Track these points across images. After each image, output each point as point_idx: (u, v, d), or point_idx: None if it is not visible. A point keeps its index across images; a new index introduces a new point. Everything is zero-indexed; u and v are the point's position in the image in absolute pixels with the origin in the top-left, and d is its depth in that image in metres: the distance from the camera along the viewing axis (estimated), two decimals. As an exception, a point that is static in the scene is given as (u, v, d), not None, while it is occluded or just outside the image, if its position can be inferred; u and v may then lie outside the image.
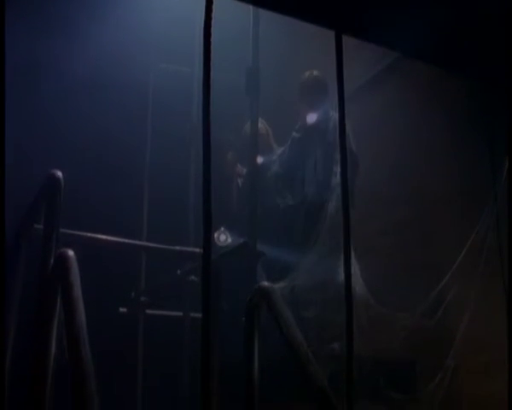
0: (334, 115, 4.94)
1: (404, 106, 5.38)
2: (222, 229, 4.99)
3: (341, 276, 2.47)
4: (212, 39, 1.90)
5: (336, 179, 4.65)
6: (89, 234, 3.76)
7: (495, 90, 3.86)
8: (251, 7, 4.68)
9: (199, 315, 2.13)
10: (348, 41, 2.29)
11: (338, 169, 3.03)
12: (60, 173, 2.63)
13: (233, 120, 5.14)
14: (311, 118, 5.29)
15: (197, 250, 4.26)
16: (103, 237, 3.92)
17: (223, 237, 5.01)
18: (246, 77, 4.63)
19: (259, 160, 4.99)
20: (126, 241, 4.32)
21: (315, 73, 5.36)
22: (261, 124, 5.16)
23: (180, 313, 5.36)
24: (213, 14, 1.90)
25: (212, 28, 1.90)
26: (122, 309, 5.32)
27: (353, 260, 3.22)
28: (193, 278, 5.02)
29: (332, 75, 2.23)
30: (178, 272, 5.07)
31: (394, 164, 5.40)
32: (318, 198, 4.95)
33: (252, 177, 4.64)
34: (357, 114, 5.08)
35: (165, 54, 6.00)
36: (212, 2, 1.86)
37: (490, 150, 4.21)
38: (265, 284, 2.62)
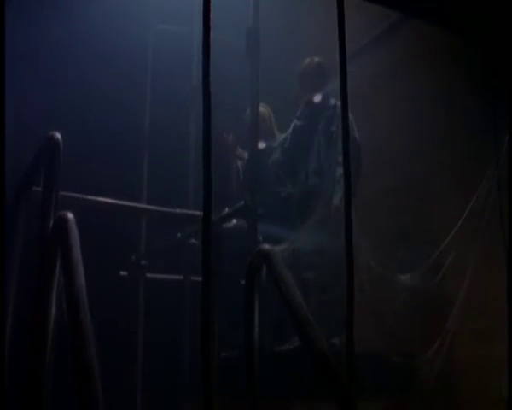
0: (338, 104, 4.85)
1: (407, 66, 5.34)
2: (227, 210, 4.93)
3: (342, 238, 2.45)
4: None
5: (341, 170, 4.58)
6: (88, 197, 3.74)
7: (498, 55, 3.85)
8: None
9: (199, 278, 2.12)
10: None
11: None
12: (59, 135, 2.60)
13: (233, 83, 5.07)
14: (313, 105, 5.21)
15: (197, 213, 4.23)
16: (103, 199, 3.89)
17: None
18: (246, 37, 4.57)
19: (261, 145, 4.93)
20: (126, 203, 4.29)
21: (316, 59, 5.26)
22: (263, 108, 5.08)
23: (181, 277, 5.36)
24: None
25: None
26: (122, 273, 5.33)
27: (354, 222, 3.19)
28: (193, 241, 5.02)
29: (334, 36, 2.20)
30: (179, 235, 5.06)
31: (394, 125, 5.37)
32: (322, 188, 4.89)
33: (254, 152, 4.56)
34: (358, 74, 5.05)
35: (164, 14, 5.93)
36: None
37: (492, 113, 4.19)
38: (266, 246, 2.60)
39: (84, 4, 5.29)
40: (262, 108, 4.86)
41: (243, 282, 2.72)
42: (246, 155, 5.33)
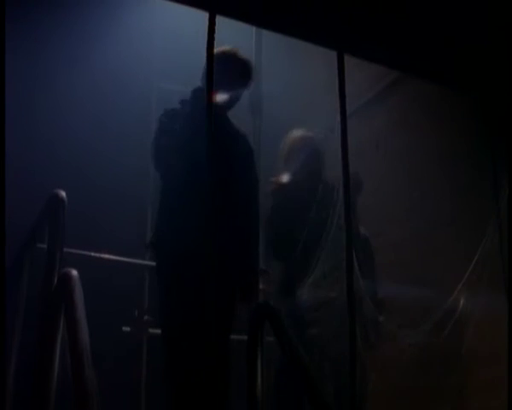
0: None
1: (406, 123, 5.39)
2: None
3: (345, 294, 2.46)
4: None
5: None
6: (92, 253, 3.75)
7: (496, 108, 3.89)
8: (253, 31, 4.66)
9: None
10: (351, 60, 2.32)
11: None
12: (63, 193, 2.62)
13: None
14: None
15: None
16: (107, 256, 3.90)
17: None
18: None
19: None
20: (130, 260, 4.30)
21: (308, 134, 4.52)
22: None
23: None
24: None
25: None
26: (125, 328, 5.30)
27: (358, 276, 3.20)
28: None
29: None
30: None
31: (394, 181, 5.40)
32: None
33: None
34: (359, 131, 5.11)
35: (166, 74, 5.97)
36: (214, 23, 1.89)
37: (492, 163, 4.22)
38: (268, 302, 2.60)
39: (86, 63, 5.37)
40: None
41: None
42: None
